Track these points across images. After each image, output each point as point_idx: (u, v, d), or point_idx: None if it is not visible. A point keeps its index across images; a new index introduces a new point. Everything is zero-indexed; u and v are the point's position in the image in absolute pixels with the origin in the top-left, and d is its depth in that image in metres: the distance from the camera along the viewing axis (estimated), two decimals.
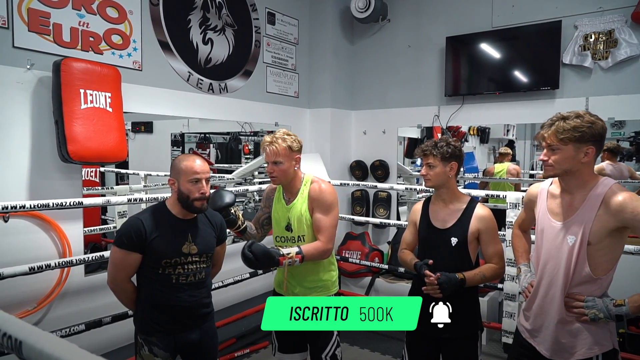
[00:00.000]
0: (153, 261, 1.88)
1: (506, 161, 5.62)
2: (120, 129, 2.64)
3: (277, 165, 2.08)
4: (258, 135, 6.49)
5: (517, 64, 3.84)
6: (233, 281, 3.22)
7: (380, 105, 4.57)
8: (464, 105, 4.07)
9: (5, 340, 0.71)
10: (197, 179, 1.88)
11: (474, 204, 2.01)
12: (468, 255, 1.98)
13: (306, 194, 2.14)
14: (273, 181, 2.15)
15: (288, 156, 2.08)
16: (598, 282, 1.58)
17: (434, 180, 2.00)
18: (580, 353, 1.60)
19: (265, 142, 2.10)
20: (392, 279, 4.11)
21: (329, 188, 2.14)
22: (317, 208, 2.11)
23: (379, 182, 4.51)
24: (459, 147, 2.01)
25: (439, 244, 2.01)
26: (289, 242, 2.16)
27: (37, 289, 2.49)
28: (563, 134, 1.55)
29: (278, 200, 2.23)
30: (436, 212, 2.06)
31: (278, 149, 2.06)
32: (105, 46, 2.80)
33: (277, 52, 4.18)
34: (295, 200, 2.16)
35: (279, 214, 2.21)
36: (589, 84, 3.49)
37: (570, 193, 1.63)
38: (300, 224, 2.13)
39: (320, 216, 2.10)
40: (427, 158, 2.00)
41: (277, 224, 2.22)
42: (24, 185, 2.46)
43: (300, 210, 2.13)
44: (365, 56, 4.63)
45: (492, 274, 1.97)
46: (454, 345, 2.00)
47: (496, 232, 2.01)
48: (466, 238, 1.96)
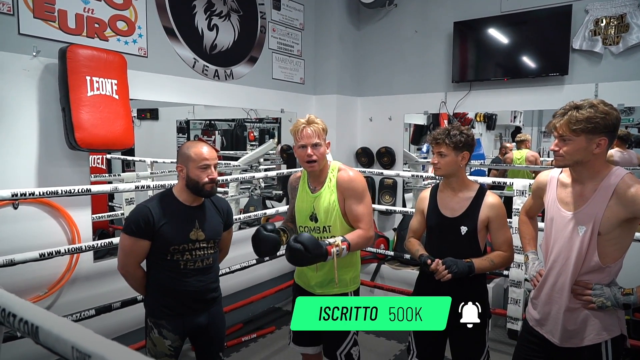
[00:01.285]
0: (161, 248, 1.91)
1: (524, 148, 5.53)
2: (126, 116, 2.64)
3: (316, 148, 1.95)
4: (263, 122, 6.48)
5: (525, 50, 3.78)
6: (240, 267, 3.25)
7: (386, 91, 4.53)
8: (471, 91, 4.03)
9: (22, 326, 0.72)
10: (206, 165, 1.90)
11: (483, 192, 1.99)
12: (477, 244, 1.97)
13: (334, 183, 2.02)
14: (312, 167, 1.99)
15: (324, 139, 1.99)
16: (606, 270, 1.57)
17: (445, 169, 1.97)
18: (589, 339, 1.61)
19: (300, 124, 1.97)
20: (398, 265, 4.13)
21: (357, 175, 2.04)
22: (351, 197, 2.00)
23: (385, 169, 4.51)
24: (471, 135, 1.98)
25: (448, 232, 1.99)
26: (313, 232, 2.05)
27: (48, 274, 2.53)
28: (575, 124, 1.51)
29: (302, 189, 2.12)
30: (445, 200, 2.04)
31: (318, 129, 1.95)
32: (110, 33, 2.79)
33: (282, 38, 4.14)
34: (322, 190, 2.04)
35: (303, 203, 2.10)
36: (599, 69, 3.44)
37: (581, 183, 1.61)
38: (327, 214, 2.02)
39: (356, 204, 2.00)
40: (439, 147, 1.96)
41: (301, 214, 2.11)
42: (33, 172, 2.47)
43: (328, 200, 2.02)
44: (371, 42, 4.59)
45: (501, 261, 1.96)
46: (462, 333, 2.00)
47: (506, 220, 2.00)
48: (476, 226, 1.94)
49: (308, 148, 1.95)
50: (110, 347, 0.60)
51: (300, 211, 2.12)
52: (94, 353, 0.60)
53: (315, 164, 1.98)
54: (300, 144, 1.98)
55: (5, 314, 0.76)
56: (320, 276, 2.08)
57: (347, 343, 2.09)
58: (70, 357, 0.64)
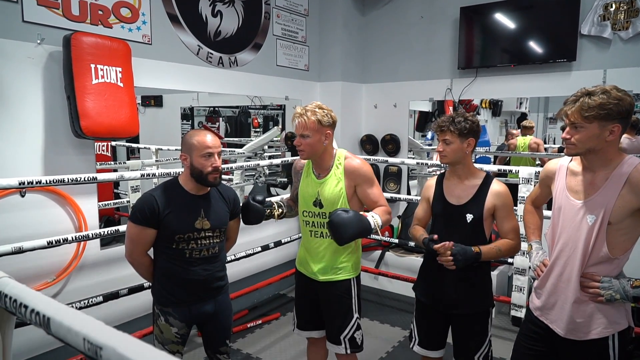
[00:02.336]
0: (167, 236, 1.92)
1: (529, 135, 5.49)
2: (131, 104, 2.64)
3: (304, 139, 2.01)
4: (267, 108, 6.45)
5: (532, 35, 3.73)
6: (245, 255, 3.27)
7: (391, 78, 4.50)
8: (477, 78, 3.99)
9: (34, 317, 0.73)
10: (209, 153, 1.90)
11: (489, 180, 1.98)
12: (483, 232, 1.97)
13: (341, 171, 2.06)
14: (300, 155, 2.08)
15: (317, 130, 2.00)
16: (615, 262, 1.55)
17: (451, 156, 1.96)
18: (595, 332, 1.58)
19: (295, 113, 2.03)
20: (402, 252, 4.14)
21: (364, 162, 2.09)
22: (363, 183, 2.05)
23: (390, 156, 4.49)
24: (476, 122, 1.96)
25: (454, 220, 1.99)
26: (317, 218, 2.10)
27: (55, 261, 2.55)
28: (588, 111, 1.46)
29: (307, 175, 2.16)
30: (451, 188, 2.03)
31: (306, 122, 1.99)
32: (114, 20, 2.77)
33: (287, 24, 4.10)
34: (327, 177, 2.08)
35: (307, 189, 2.13)
36: (607, 55, 3.40)
37: (592, 171, 1.57)
38: (333, 202, 2.05)
39: (370, 188, 2.05)
40: (444, 134, 1.94)
41: (305, 199, 2.14)
42: (39, 160, 2.48)
43: (335, 188, 2.05)
44: (376, 28, 4.54)
45: (508, 249, 1.96)
46: (465, 320, 2.02)
47: (512, 208, 1.99)
48: (482, 214, 1.94)
49: (297, 138, 2.03)
50: (122, 339, 0.61)
51: (304, 196, 2.15)
52: (106, 345, 0.60)
53: (302, 152, 2.04)
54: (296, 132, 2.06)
55: (17, 304, 0.77)
56: (324, 262, 2.10)
57: (351, 327, 2.11)
58: (82, 349, 0.64)
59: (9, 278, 0.85)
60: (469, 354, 2.02)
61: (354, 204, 2.08)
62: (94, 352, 0.62)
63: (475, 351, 2.01)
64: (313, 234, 2.13)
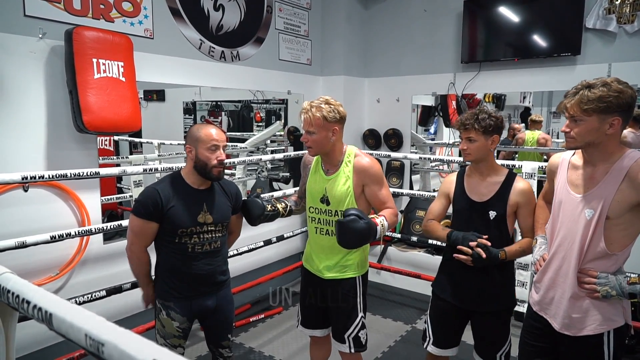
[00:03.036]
0: (169, 230, 1.92)
1: (537, 129, 5.43)
2: (133, 98, 2.63)
3: (310, 135, 1.98)
4: (270, 103, 6.44)
5: (537, 29, 3.70)
6: (248, 249, 3.27)
7: (394, 72, 4.47)
8: (480, 72, 3.96)
9: (36, 312, 0.74)
10: (215, 146, 1.91)
11: (513, 177, 1.95)
12: (506, 229, 1.94)
13: (351, 169, 2.02)
14: (309, 151, 2.06)
15: (322, 127, 1.96)
16: (613, 258, 1.53)
17: (475, 154, 1.92)
18: (590, 329, 1.57)
19: (302, 109, 2.00)
20: (405, 247, 4.14)
21: (375, 161, 2.06)
22: (371, 183, 2.02)
23: (392, 151, 4.49)
24: (500, 118, 1.92)
25: (476, 217, 1.96)
26: (324, 215, 2.07)
27: (58, 256, 2.56)
28: (587, 104, 1.44)
29: (316, 170, 2.13)
30: (473, 184, 2.00)
31: (311, 118, 1.95)
32: (116, 14, 2.76)
33: (289, 18, 4.08)
34: (336, 174, 2.04)
35: (315, 185, 2.10)
36: (612, 49, 3.37)
37: (593, 165, 1.55)
38: (341, 199, 2.02)
39: (379, 189, 2.02)
40: (468, 132, 1.90)
41: (312, 195, 2.11)
42: (42, 155, 2.48)
43: (343, 185, 2.02)
44: (379, 21, 4.51)
45: (530, 248, 1.91)
46: (488, 319, 1.99)
47: (535, 206, 1.96)
48: (505, 211, 1.91)
49: (304, 134, 2.01)
50: (123, 336, 0.61)
51: (311, 192, 2.12)
52: (107, 341, 0.61)
53: (310, 149, 2.02)
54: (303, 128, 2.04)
55: (20, 300, 0.77)
56: (330, 260, 2.08)
57: (356, 326, 2.10)
58: (84, 344, 0.65)
59: (11, 273, 0.85)
60: (491, 352, 2.01)
61: (361, 203, 2.04)
62: (95, 348, 0.62)
63: (498, 349, 2.00)
64: (319, 231, 2.10)
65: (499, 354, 2.00)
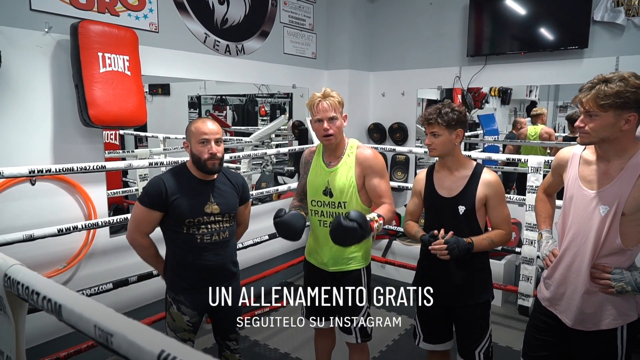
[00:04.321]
0: (176, 221, 1.94)
1: (540, 123, 5.38)
2: (139, 92, 2.64)
3: (333, 122, 1.96)
4: (275, 97, 6.44)
5: (543, 22, 3.67)
6: (253, 243, 3.29)
7: (399, 66, 4.46)
8: (486, 65, 3.94)
9: (46, 303, 0.75)
10: (205, 139, 1.91)
11: (480, 170, 1.94)
12: (477, 223, 1.94)
13: (353, 160, 2.03)
14: (329, 140, 1.99)
15: (341, 112, 2.00)
16: (628, 253, 1.53)
17: (440, 149, 1.92)
18: (604, 324, 1.57)
19: (315, 98, 1.97)
20: (409, 241, 4.14)
21: (376, 153, 2.07)
22: (372, 174, 2.01)
23: (397, 145, 4.48)
24: (463, 112, 1.93)
25: (446, 213, 1.95)
26: (327, 207, 2.06)
27: (66, 249, 2.59)
28: (603, 99, 1.42)
29: (317, 163, 2.12)
30: (441, 180, 2.00)
31: (334, 102, 1.96)
32: (121, 8, 2.76)
33: (294, 12, 4.07)
34: (338, 165, 2.04)
35: (317, 178, 2.09)
36: (620, 42, 3.34)
37: (607, 160, 1.54)
38: (344, 191, 2.02)
39: (378, 181, 2.01)
40: (432, 127, 1.90)
41: (314, 188, 2.10)
42: (48, 149, 2.50)
43: (345, 177, 2.02)
44: (385, 15, 4.48)
45: (500, 239, 1.93)
46: (466, 312, 1.99)
47: (503, 197, 1.95)
48: (474, 205, 1.91)
49: (325, 122, 1.96)
50: (132, 327, 0.62)
51: (313, 185, 2.11)
52: (116, 332, 0.61)
53: (332, 137, 1.98)
54: (317, 118, 1.98)
55: (29, 291, 0.78)
56: (334, 252, 2.08)
57: (361, 317, 2.10)
58: (93, 335, 0.65)
59: (21, 265, 0.86)
60: (471, 349, 1.99)
61: (363, 195, 2.05)
62: (104, 339, 0.63)
63: (477, 344, 1.98)
64: (322, 224, 2.10)
65: (478, 351, 1.98)
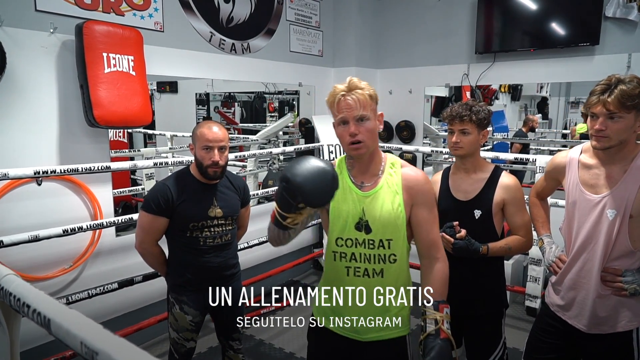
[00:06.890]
0: (181, 225, 1.94)
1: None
2: (144, 93, 2.64)
3: (362, 124, 1.36)
4: (283, 93, 6.43)
5: (554, 18, 3.60)
6: (259, 242, 3.28)
7: (406, 63, 4.41)
8: (495, 62, 3.88)
9: (36, 316, 0.74)
10: (207, 147, 1.91)
11: (498, 172, 1.86)
12: (493, 227, 1.85)
13: (399, 182, 1.43)
14: (359, 151, 1.38)
15: (374, 110, 1.40)
16: (637, 254, 1.51)
17: (467, 148, 1.80)
18: (620, 326, 1.55)
19: (337, 92, 1.37)
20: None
21: (423, 174, 1.50)
22: (425, 204, 1.44)
23: (404, 143, 4.44)
24: (491, 111, 1.87)
25: (462, 216, 1.86)
26: (362, 249, 1.43)
27: (72, 248, 2.60)
28: (629, 99, 1.38)
29: (341, 184, 1.39)
30: (457, 182, 1.91)
31: (363, 97, 1.35)
32: (126, 7, 2.76)
33: (300, 9, 4.04)
34: (377, 187, 1.43)
35: (345, 205, 1.44)
36: (633, 39, 3.26)
37: (610, 164, 1.51)
38: (389, 224, 1.41)
39: (427, 214, 1.45)
40: (463, 124, 1.77)
41: (341, 220, 1.45)
42: (54, 149, 2.51)
43: (391, 204, 1.41)
44: (392, 11, 4.43)
45: (519, 246, 1.84)
46: (477, 322, 1.90)
47: (523, 202, 1.86)
48: (490, 210, 1.82)
49: (351, 124, 1.36)
50: (118, 345, 0.61)
51: (338, 216, 1.45)
52: (102, 350, 0.61)
53: (361, 145, 1.37)
54: (340, 118, 1.38)
55: (20, 303, 0.78)
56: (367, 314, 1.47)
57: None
58: (79, 351, 0.65)
59: (14, 275, 0.86)
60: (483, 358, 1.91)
61: (408, 231, 1.47)
62: (90, 356, 0.62)
63: (489, 354, 1.90)
64: (353, 272, 1.45)
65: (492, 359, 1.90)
